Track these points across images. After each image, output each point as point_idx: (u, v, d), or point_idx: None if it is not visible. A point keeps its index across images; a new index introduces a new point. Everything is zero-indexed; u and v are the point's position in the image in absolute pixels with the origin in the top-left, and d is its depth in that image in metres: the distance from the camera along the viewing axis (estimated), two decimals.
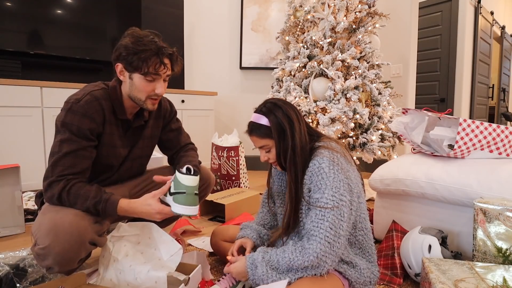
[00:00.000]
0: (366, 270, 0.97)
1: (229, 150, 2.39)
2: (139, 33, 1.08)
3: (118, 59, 1.08)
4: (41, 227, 0.95)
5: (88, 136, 1.05)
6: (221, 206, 1.84)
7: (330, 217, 0.87)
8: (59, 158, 1.01)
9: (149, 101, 1.12)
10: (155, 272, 0.98)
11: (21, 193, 1.64)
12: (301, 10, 2.42)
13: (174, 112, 1.38)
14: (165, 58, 1.08)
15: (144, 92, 1.10)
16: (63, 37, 2.54)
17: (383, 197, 1.49)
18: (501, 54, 5.20)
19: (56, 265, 0.94)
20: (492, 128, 1.29)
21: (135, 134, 1.24)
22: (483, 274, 0.94)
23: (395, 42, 2.97)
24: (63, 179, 1.00)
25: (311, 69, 2.21)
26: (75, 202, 1.00)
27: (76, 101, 1.04)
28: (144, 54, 1.04)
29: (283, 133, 0.98)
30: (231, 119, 3.53)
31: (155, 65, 1.06)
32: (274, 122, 0.98)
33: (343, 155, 0.97)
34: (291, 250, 0.90)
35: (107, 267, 1.04)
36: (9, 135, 2.13)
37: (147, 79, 1.07)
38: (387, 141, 2.18)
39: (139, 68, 1.05)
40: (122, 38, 1.09)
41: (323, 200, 0.89)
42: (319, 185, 0.91)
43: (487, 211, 1.07)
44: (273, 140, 0.99)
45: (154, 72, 1.07)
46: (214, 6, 3.41)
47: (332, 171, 0.90)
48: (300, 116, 1.02)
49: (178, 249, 1.06)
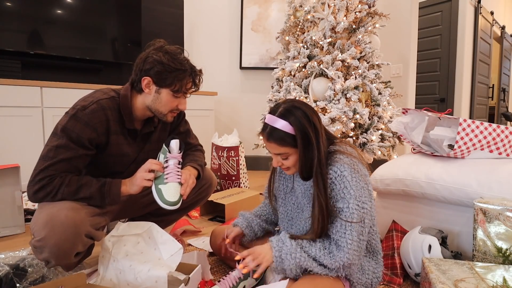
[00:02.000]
0: (369, 272, 0.97)
1: (229, 150, 2.39)
2: (171, 49, 1.10)
3: (148, 73, 1.08)
4: (38, 221, 0.96)
5: (86, 145, 1.04)
6: (221, 206, 1.85)
7: (357, 228, 0.88)
8: (53, 163, 0.99)
9: (169, 114, 1.16)
10: (156, 271, 0.98)
11: (21, 193, 1.64)
12: (301, 10, 2.42)
13: (183, 114, 1.38)
14: (196, 78, 1.14)
15: (168, 107, 1.13)
16: (63, 37, 2.53)
17: (383, 197, 1.49)
18: (501, 54, 5.20)
19: (53, 258, 0.95)
20: (492, 128, 1.29)
21: (144, 139, 1.24)
22: (483, 274, 0.94)
23: (395, 42, 2.97)
24: (57, 176, 1.00)
25: (311, 69, 2.21)
26: (78, 192, 1.00)
27: (82, 108, 1.04)
28: (181, 74, 1.08)
29: (308, 141, 0.90)
30: (231, 119, 3.53)
31: (188, 84, 1.12)
32: (299, 129, 0.89)
33: (360, 160, 0.95)
34: (319, 247, 0.90)
35: (107, 267, 1.04)
36: (9, 135, 2.13)
37: (176, 95, 1.11)
38: (387, 141, 2.18)
39: (172, 85, 1.08)
40: (151, 51, 1.08)
41: (349, 211, 0.88)
42: (342, 194, 0.89)
43: (487, 211, 1.07)
44: (295, 149, 0.91)
45: (185, 91, 1.12)
46: (214, 6, 3.41)
47: (355, 179, 0.89)
48: (320, 120, 0.95)
49: (179, 249, 1.06)
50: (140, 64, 1.09)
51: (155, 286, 0.97)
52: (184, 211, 1.42)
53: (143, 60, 1.09)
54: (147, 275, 0.98)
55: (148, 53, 1.09)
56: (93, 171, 1.14)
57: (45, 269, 1.09)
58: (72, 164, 1.03)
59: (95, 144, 1.08)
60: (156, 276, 0.97)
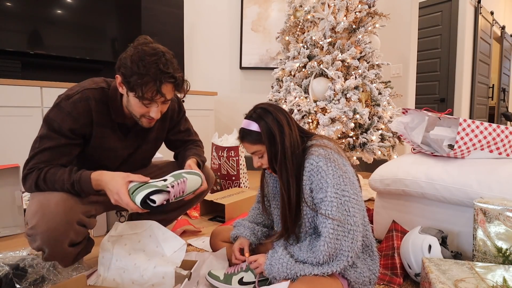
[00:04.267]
0: (366, 270, 0.97)
1: (229, 150, 2.39)
2: (145, 49, 0.97)
3: (118, 71, 1.01)
4: (29, 209, 0.97)
5: (67, 135, 1.02)
6: (221, 206, 1.85)
7: (336, 215, 0.88)
8: (36, 153, 1.00)
9: (144, 120, 1.06)
10: (162, 267, 0.98)
11: (21, 193, 1.64)
12: (301, 10, 2.42)
13: (183, 112, 1.34)
14: (165, 85, 0.98)
15: (138, 113, 1.04)
16: (63, 37, 2.54)
17: (383, 197, 1.49)
18: (501, 54, 5.20)
19: (46, 245, 0.95)
20: (492, 128, 1.29)
21: (139, 136, 1.21)
22: (483, 274, 0.94)
23: (395, 42, 2.97)
24: (34, 169, 1.00)
25: (311, 69, 2.21)
26: (54, 188, 1.00)
27: (66, 97, 1.02)
28: (142, 79, 0.94)
29: (273, 138, 0.98)
30: (231, 119, 3.53)
31: (151, 92, 0.97)
32: (264, 128, 0.98)
33: (336, 151, 0.98)
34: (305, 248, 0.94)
35: (108, 267, 1.03)
36: (9, 135, 2.13)
37: (143, 102, 1.00)
38: (387, 141, 2.18)
39: (133, 90, 0.97)
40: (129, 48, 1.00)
41: (328, 199, 0.89)
42: (320, 184, 0.91)
43: (487, 211, 1.07)
44: (264, 146, 0.99)
45: (150, 98, 0.99)
46: (214, 6, 3.41)
47: (330, 168, 0.91)
48: (290, 120, 1.03)
49: (182, 245, 1.07)
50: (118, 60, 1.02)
51: (162, 282, 0.97)
52: (182, 208, 1.42)
53: (119, 57, 1.01)
54: (153, 272, 0.98)
55: (126, 50, 1.01)
56: (83, 164, 1.11)
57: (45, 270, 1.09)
58: (56, 152, 1.01)
59: (79, 134, 1.05)
60: (163, 271, 0.97)
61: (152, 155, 1.35)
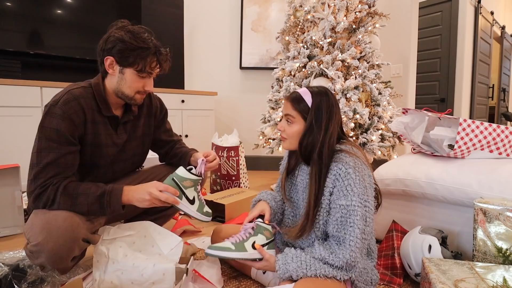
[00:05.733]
0: (369, 271, 0.97)
1: (229, 150, 2.39)
2: (134, 28, 1.07)
3: (110, 52, 1.04)
4: (34, 225, 0.94)
5: (69, 139, 1.00)
6: (221, 206, 1.84)
7: (360, 225, 0.88)
8: (39, 171, 0.96)
9: (138, 96, 1.12)
10: (162, 265, 0.98)
11: (21, 193, 1.64)
12: (301, 10, 2.42)
13: (165, 110, 1.36)
14: (161, 57, 1.09)
15: (134, 88, 1.09)
16: (63, 37, 2.53)
17: (383, 197, 1.48)
18: (501, 54, 5.20)
19: (49, 262, 0.94)
20: (492, 128, 1.29)
21: (127, 130, 1.21)
22: (483, 274, 0.93)
23: (395, 42, 2.97)
24: (48, 184, 0.96)
25: (311, 69, 2.21)
26: (75, 203, 0.97)
27: (54, 103, 1.00)
28: (143, 52, 1.04)
29: (318, 121, 0.96)
30: (231, 119, 3.53)
31: (152, 64, 1.07)
32: (316, 104, 0.96)
33: (364, 162, 0.97)
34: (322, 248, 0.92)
35: (104, 271, 1.01)
36: (9, 135, 2.13)
37: (140, 75, 1.07)
38: (387, 141, 2.18)
39: (135, 64, 1.05)
40: (113, 31, 1.05)
41: (352, 208, 0.89)
42: (345, 191, 0.91)
43: (487, 211, 1.07)
44: (304, 120, 0.98)
45: (150, 70, 1.08)
46: (214, 6, 3.40)
47: (358, 178, 0.91)
48: (340, 117, 1.02)
49: (179, 242, 1.06)
50: (102, 44, 1.06)
51: (163, 278, 0.97)
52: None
53: (105, 40, 1.05)
54: (153, 270, 0.97)
55: (110, 33, 1.05)
56: None
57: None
58: (60, 165, 0.98)
59: (77, 136, 1.04)
60: (164, 268, 0.97)
61: (141, 152, 1.32)
